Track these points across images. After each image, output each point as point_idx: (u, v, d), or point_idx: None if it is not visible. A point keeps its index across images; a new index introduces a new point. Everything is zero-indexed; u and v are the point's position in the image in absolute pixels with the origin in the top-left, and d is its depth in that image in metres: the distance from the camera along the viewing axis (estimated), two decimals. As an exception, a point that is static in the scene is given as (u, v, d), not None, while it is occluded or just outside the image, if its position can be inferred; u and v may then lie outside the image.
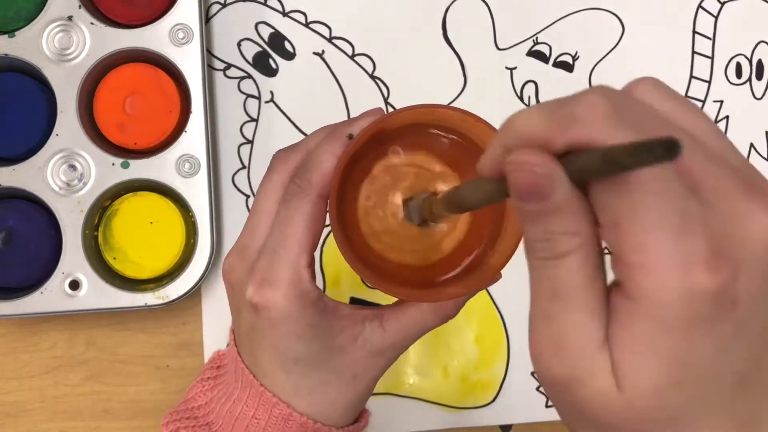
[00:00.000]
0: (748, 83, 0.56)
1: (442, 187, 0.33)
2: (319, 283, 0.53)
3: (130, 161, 0.50)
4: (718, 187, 0.22)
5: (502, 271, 0.32)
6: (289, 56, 0.55)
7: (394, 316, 0.34)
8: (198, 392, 0.38)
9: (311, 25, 0.55)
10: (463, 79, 0.55)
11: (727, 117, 0.56)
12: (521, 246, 0.25)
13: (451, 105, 0.32)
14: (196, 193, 0.50)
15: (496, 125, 0.30)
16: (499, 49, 0.55)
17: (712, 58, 0.56)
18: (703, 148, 0.23)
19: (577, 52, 0.56)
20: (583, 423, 0.24)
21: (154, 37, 0.50)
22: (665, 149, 0.19)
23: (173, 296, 0.49)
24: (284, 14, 0.55)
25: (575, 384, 0.22)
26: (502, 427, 0.55)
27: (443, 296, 0.33)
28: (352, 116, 0.55)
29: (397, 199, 0.33)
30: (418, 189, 0.33)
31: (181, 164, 0.50)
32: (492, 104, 0.55)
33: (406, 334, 0.34)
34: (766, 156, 0.56)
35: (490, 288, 0.54)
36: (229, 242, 0.53)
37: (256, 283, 0.32)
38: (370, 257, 0.33)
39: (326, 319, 0.33)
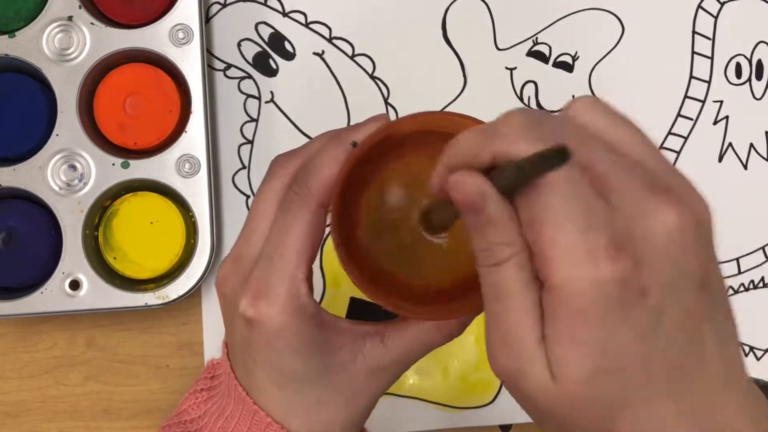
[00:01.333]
0: (747, 83, 0.56)
1: None
2: (319, 283, 0.53)
3: (130, 161, 0.50)
4: (625, 189, 0.24)
5: None
6: (289, 56, 0.55)
7: (397, 333, 0.33)
8: (191, 404, 0.37)
9: (311, 26, 0.55)
10: (463, 79, 0.55)
11: (726, 117, 0.56)
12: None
13: (458, 111, 0.31)
14: (196, 193, 0.50)
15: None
16: (499, 49, 0.56)
17: (711, 58, 0.56)
18: (616, 156, 0.25)
19: (577, 52, 0.56)
20: (532, 411, 0.27)
21: (154, 37, 0.50)
22: (557, 156, 0.22)
23: (173, 296, 0.49)
24: (284, 14, 0.55)
25: (519, 376, 0.25)
26: (502, 427, 0.55)
27: (450, 314, 0.32)
28: (352, 116, 0.55)
29: (404, 210, 0.32)
30: (425, 199, 0.32)
31: (181, 164, 0.50)
32: (492, 104, 0.55)
33: (408, 352, 0.33)
34: (766, 156, 0.56)
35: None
36: (229, 242, 0.53)
37: (251, 296, 0.30)
38: (372, 270, 0.32)
39: (324, 335, 0.32)
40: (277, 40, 0.55)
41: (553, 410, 0.25)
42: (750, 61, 0.56)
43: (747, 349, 0.55)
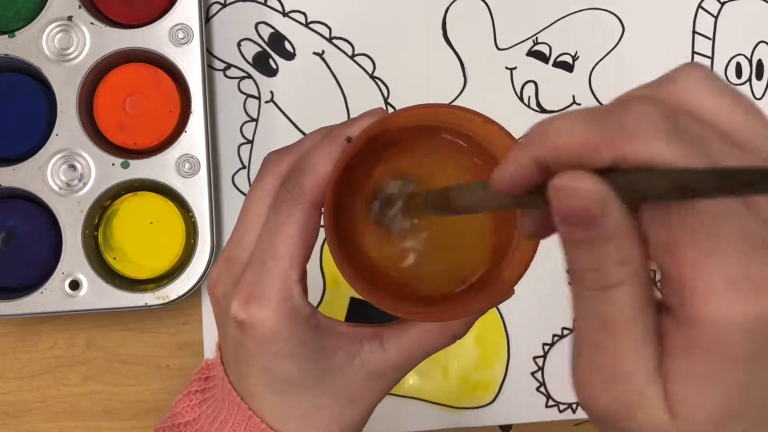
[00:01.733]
0: (748, 83, 0.56)
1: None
2: (319, 283, 0.53)
3: (130, 161, 0.50)
4: None
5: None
6: (289, 56, 0.55)
7: (396, 336, 0.31)
8: (185, 407, 0.35)
9: (311, 25, 0.55)
10: (463, 79, 0.55)
11: (727, 117, 0.56)
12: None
13: (457, 104, 0.29)
14: (196, 193, 0.50)
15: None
16: (499, 49, 0.56)
17: (712, 58, 0.56)
18: (759, 159, 0.21)
19: (577, 52, 0.56)
20: None
21: (154, 37, 0.50)
22: (761, 180, 0.17)
23: (173, 296, 0.49)
24: (284, 14, 0.55)
25: (625, 416, 0.22)
26: (502, 427, 0.55)
27: (451, 315, 0.30)
28: (352, 116, 0.55)
29: (402, 208, 0.30)
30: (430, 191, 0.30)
31: (181, 164, 0.50)
32: (492, 104, 0.55)
33: (408, 355, 0.32)
34: (766, 156, 0.56)
35: (490, 288, 0.54)
36: (229, 242, 0.53)
37: (243, 298, 0.29)
38: (369, 271, 0.30)
39: (320, 338, 0.30)
40: (277, 40, 0.55)
41: None
42: (750, 61, 0.56)
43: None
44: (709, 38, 0.56)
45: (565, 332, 0.54)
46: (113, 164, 0.50)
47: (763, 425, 0.21)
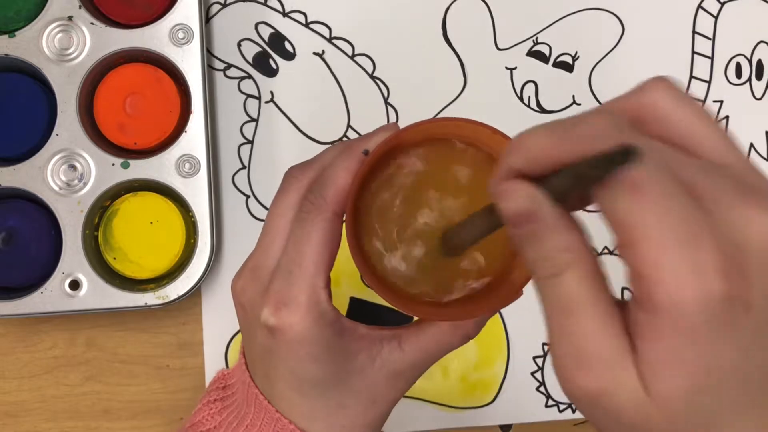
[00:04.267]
0: (748, 83, 0.56)
1: (459, 208, 0.32)
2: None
3: (130, 161, 0.50)
4: (717, 195, 0.22)
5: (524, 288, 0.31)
6: (289, 56, 0.55)
7: (413, 336, 0.33)
8: (205, 416, 0.37)
9: (311, 25, 0.55)
10: (463, 79, 0.55)
11: (727, 117, 0.56)
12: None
13: (469, 118, 0.31)
14: (196, 193, 0.50)
15: (496, 125, 0.30)
16: (499, 49, 0.56)
17: (712, 58, 0.56)
18: (705, 161, 0.23)
19: (577, 52, 0.56)
20: (615, 429, 0.24)
21: (154, 37, 0.50)
22: (622, 156, 0.20)
23: (173, 296, 0.49)
24: (284, 14, 0.55)
25: (603, 395, 0.23)
26: (502, 427, 0.55)
27: (465, 315, 0.32)
28: (352, 116, 0.55)
29: (417, 215, 0.32)
30: (436, 205, 0.32)
31: (181, 164, 0.50)
32: (492, 104, 0.55)
33: (425, 355, 0.33)
34: (766, 156, 0.56)
35: (490, 288, 0.54)
36: (229, 242, 0.53)
37: (272, 305, 0.31)
38: (386, 274, 0.32)
39: (344, 341, 0.32)
40: (277, 40, 0.55)
41: (644, 427, 0.23)
42: (750, 61, 0.56)
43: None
44: (709, 38, 0.56)
45: (565, 332, 0.54)
46: (113, 164, 0.50)
47: (733, 398, 0.23)
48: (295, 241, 0.31)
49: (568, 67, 0.56)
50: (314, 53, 0.55)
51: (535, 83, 0.55)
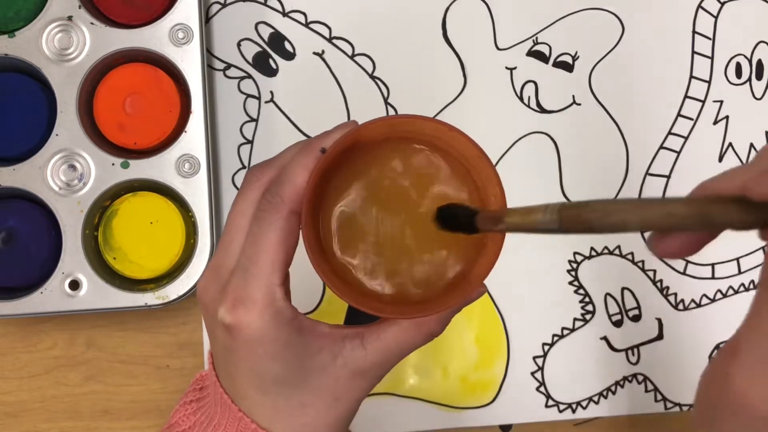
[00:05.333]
0: (747, 83, 0.56)
1: (426, 200, 0.32)
2: (319, 285, 0.53)
3: (130, 161, 0.50)
4: None
5: (486, 284, 0.32)
6: (289, 56, 0.55)
7: (375, 335, 0.33)
8: (181, 416, 0.37)
9: (311, 25, 0.55)
10: (463, 79, 0.55)
11: (727, 117, 0.56)
12: (512, 256, 0.25)
13: (425, 115, 0.31)
14: (196, 193, 0.50)
15: (496, 125, 0.30)
16: (499, 49, 0.56)
17: (711, 58, 0.56)
18: None
19: (577, 52, 0.56)
20: None
21: (154, 37, 0.50)
22: None
23: (173, 296, 0.49)
24: (284, 14, 0.55)
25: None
26: (502, 427, 0.55)
27: (427, 311, 0.32)
28: (351, 116, 0.55)
29: (376, 214, 0.32)
30: (396, 203, 0.32)
31: (181, 164, 0.50)
32: (492, 104, 0.55)
33: (388, 353, 0.33)
34: (766, 156, 0.56)
35: (490, 288, 0.54)
36: (229, 242, 0.53)
37: (229, 303, 0.31)
38: (346, 273, 0.32)
39: (303, 338, 0.32)
40: (277, 40, 0.55)
41: None
42: (750, 61, 0.56)
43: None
44: (709, 38, 0.56)
45: (565, 332, 0.54)
46: (113, 164, 0.50)
47: None
48: (252, 240, 0.31)
49: (568, 67, 0.56)
50: (314, 53, 0.55)
51: (535, 83, 0.55)
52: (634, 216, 0.25)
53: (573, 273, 0.54)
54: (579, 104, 0.56)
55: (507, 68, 0.55)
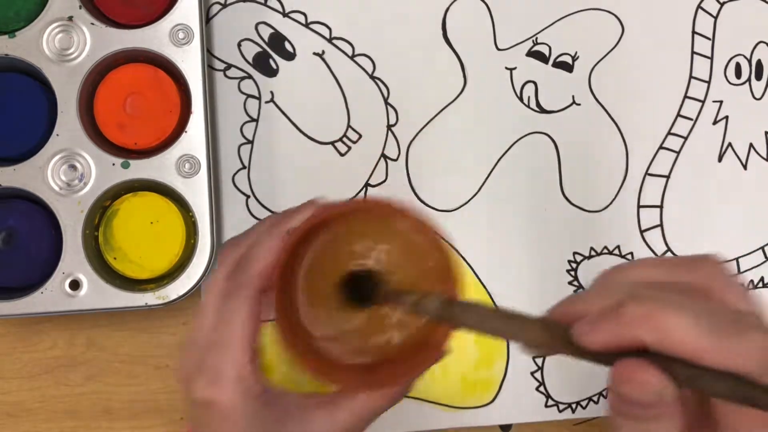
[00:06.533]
0: (747, 83, 0.56)
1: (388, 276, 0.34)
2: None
3: (130, 161, 0.50)
4: None
5: (448, 346, 0.33)
6: (289, 56, 0.55)
7: (344, 404, 0.35)
8: None
9: (311, 26, 0.55)
10: (462, 79, 0.55)
11: (726, 117, 0.56)
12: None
13: (387, 200, 0.33)
14: (196, 193, 0.50)
15: (495, 126, 0.30)
16: (498, 49, 0.56)
17: (711, 58, 0.56)
18: None
19: (576, 53, 0.56)
20: None
21: (154, 37, 0.50)
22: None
23: (173, 296, 0.49)
24: (284, 14, 0.55)
25: None
26: (502, 427, 0.55)
27: (393, 382, 0.34)
28: (351, 116, 0.55)
29: (340, 287, 0.34)
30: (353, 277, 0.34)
31: (181, 164, 0.50)
32: (492, 104, 0.55)
33: (356, 421, 0.35)
34: (765, 156, 0.56)
35: (489, 288, 0.54)
36: (229, 242, 0.53)
37: (204, 381, 0.33)
38: (316, 350, 0.34)
39: (273, 411, 0.34)
40: (277, 40, 0.55)
41: None
42: (750, 61, 0.56)
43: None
44: (709, 38, 0.56)
45: (565, 332, 0.54)
46: (113, 164, 0.50)
47: None
48: (221, 319, 0.33)
49: (568, 67, 0.56)
50: (314, 53, 0.55)
51: (535, 83, 0.55)
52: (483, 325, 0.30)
53: (573, 273, 0.54)
54: (579, 104, 0.56)
55: (507, 68, 0.55)
